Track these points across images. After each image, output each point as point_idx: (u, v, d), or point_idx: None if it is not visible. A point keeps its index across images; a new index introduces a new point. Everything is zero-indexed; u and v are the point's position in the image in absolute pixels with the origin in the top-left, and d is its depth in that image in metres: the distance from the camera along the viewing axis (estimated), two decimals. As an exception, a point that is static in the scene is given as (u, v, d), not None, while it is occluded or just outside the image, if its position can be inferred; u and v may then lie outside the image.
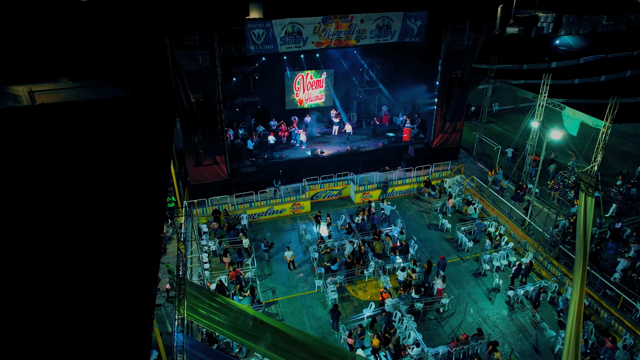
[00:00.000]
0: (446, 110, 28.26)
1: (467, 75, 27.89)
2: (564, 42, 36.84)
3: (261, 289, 20.36)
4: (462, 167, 29.10)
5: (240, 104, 29.00)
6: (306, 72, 29.46)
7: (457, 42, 26.47)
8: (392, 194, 27.91)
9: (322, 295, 20.15)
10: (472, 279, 21.17)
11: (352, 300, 19.95)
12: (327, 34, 23.93)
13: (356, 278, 21.04)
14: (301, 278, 21.28)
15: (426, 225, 25.38)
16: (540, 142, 22.95)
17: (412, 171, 28.18)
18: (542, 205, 23.68)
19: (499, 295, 20.10)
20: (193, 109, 23.29)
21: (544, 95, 22.80)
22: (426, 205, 27.24)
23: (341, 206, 27.16)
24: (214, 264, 22.23)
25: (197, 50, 22.11)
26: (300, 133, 28.69)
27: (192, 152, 24.27)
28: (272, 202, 25.89)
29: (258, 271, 21.55)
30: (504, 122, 37.11)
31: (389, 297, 18.90)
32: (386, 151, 29.07)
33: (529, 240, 22.26)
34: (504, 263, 21.65)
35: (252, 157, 27.33)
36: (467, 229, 24.16)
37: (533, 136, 23.91)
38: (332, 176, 27.33)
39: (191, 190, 25.33)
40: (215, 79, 23.16)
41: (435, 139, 29.05)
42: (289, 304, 19.72)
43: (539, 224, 22.05)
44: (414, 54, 29.00)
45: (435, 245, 23.61)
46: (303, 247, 23.43)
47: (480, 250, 22.79)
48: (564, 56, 33.63)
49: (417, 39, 25.77)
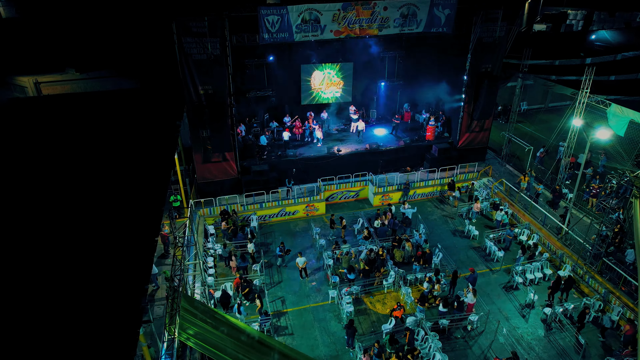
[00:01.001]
0: (474, 108, 26.15)
1: (498, 70, 25.74)
2: (600, 37, 34.53)
3: (269, 298, 18.62)
4: (490, 169, 26.95)
5: (253, 98, 27.37)
6: (325, 71, 27.58)
7: (488, 34, 24.36)
8: (414, 197, 25.93)
9: (337, 307, 18.31)
10: (502, 293, 19.10)
11: (369, 314, 18.06)
12: (347, 22, 22.09)
13: (374, 289, 19.15)
14: (314, 287, 19.48)
15: (451, 231, 23.33)
16: (582, 142, 20.73)
17: (435, 172, 26.15)
18: (580, 212, 21.46)
19: (534, 312, 17.99)
20: (201, 101, 21.70)
21: (585, 91, 20.58)
22: (450, 210, 25.19)
23: (358, 209, 25.28)
24: (220, 268, 20.59)
25: (206, 37, 20.51)
26: (316, 129, 26.90)
27: (200, 147, 22.69)
28: (285, 202, 24.16)
29: (267, 278, 19.83)
30: (532, 122, 34.76)
31: (402, 314, 16.94)
32: (408, 150, 27.09)
33: (567, 251, 20.07)
34: (538, 276, 19.52)
35: (265, 154, 25.64)
36: (496, 236, 22.07)
37: (572, 136, 21.72)
38: (350, 176, 25.48)
39: (198, 189, 23.75)
40: (225, 69, 21.52)
41: (461, 138, 26.96)
42: (299, 316, 17.93)
43: (578, 234, 19.87)
44: (439, 46, 26.96)
45: (460, 253, 21.57)
46: (316, 252, 21.64)
47: (511, 260, 20.69)
48: (600, 52, 31.40)
49: (444, 29, 23.79)
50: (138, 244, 11.91)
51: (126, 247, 11.69)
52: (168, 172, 16.54)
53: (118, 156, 16.30)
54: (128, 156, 16.41)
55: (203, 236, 21.85)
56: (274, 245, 21.93)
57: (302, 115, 28.31)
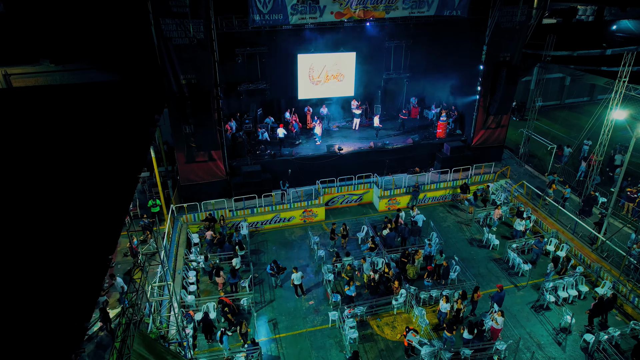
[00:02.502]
0: (490, 101, 23.46)
1: (518, 59, 23.06)
2: (622, 27, 32.10)
3: (258, 321, 15.87)
4: (509, 169, 24.22)
5: (245, 92, 24.67)
6: (324, 61, 24.85)
7: (507, 18, 21.70)
8: (423, 201, 23.21)
9: (338, 332, 15.55)
10: (531, 314, 16.35)
11: (376, 340, 15.29)
12: (350, 3, 19.43)
13: (381, 309, 16.39)
14: (311, 307, 16.72)
15: (467, 240, 20.61)
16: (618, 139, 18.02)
17: (447, 174, 23.44)
18: (617, 220, 18.77)
19: (571, 338, 15.24)
20: (183, 93, 19.02)
21: (623, 80, 17.93)
22: (465, 215, 22.46)
23: (362, 214, 22.54)
24: (204, 284, 17.86)
25: (187, 18, 17.83)
26: (316, 125, 24.19)
27: (183, 145, 19.99)
28: (279, 207, 21.43)
29: (257, 296, 17.09)
30: (548, 120, 32.12)
31: (415, 339, 14.16)
32: (416, 149, 24.36)
33: (605, 264, 17.34)
34: (572, 294, 16.78)
35: (259, 150, 22.98)
36: (519, 246, 19.37)
37: (606, 132, 19.03)
38: (352, 178, 22.74)
39: (181, 192, 21.03)
40: (210, 55, 18.86)
41: (475, 136, 24.25)
42: (294, 343, 15.16)
43: (618, 244, 17.17)
44: (451, 33, 24.32)
45: (480, 266, 18.85)
46: (315, 265, 18.92)
47: (538, 275, 17.98)
48: (622, 43, 29.08)
49: (458, 12, 21.18)
50: (82, 267, 9.16)
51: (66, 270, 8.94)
52: (134, 174, 13.80)
53: (79, 154, 13.62)
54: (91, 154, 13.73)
55: (185, 246, 19.12)
56: (266, 256, 19.23)
57: (300, 110, 25.66)
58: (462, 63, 24.26)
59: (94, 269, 9.11)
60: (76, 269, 8.83)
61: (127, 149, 14.53)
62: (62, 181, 11.57)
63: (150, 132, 18.30)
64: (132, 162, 14.30)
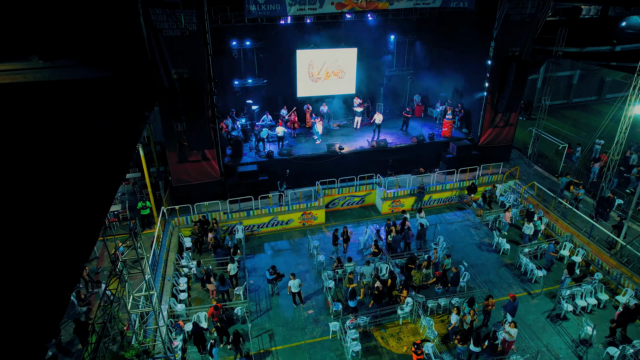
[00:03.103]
0: (498, 98, 22.33)
1: (527, 54, 21.95)
2: (633, 23, 31.14)
3: (253, 332, 14.70)
4: (518, 170, 23.07)
5: (241, 88, 23.57)
6: (325, 57, 23.77)
7: (516, 10, 20.61)
8: (429, 203, 22.06)
9: (339, 344, 14.37)
10: (547, 325, 15.18)
11: (381, 354, 14.10)
12: (352, -7, 18.36)
13: (386, 319, 15.21)
14: (310, 317, 15.55)
15: (475, 244, 19.46)
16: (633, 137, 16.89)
17: (454, 174, 22.29)
18: (634, 222, 17.63)
19: (592, 351, 14.06)
20: (175, 88, 17.90)
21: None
22: (473, 218, 21.30)
23: (364, 217, 21.39)
24: (195, 292, 16.69)
25: (179, 8, 16.74)
26: (316, 123, 23.07)
27: (175, 144, 18.86)
28: (277, 210, 20.28)
29: (252, 305, 15.92)
30: (556, 119, 30.98)
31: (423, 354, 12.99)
32: (421, 149, 23.24)
33: (625, 270, 16.18)
34: (592, 302, 15.60)
35: (254, 152, 21.89)
36: (532, 251, 18.22)
37: (624, 130, 17.89)
38: (354, 179, 21.60)
39: (173, 194, 19.90)
40: (204, 48, 17.75)
41: (483, 135, 23.12)
42: (291, 356, 13.98)
43: (639, 249, 16.02)
44: (456, 27, 23.25)
45: (490, 272, 17.69)
46: (314, 271, 17.76)
47: (553, 281, 16.82)
48: (632, 39, 28.15)
49: (465, 3, 20.09)
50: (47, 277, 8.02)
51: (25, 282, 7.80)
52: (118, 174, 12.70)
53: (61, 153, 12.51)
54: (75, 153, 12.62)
55: (176, 251, 17.96)
56: (262, 261, 18.09)
57: (299, 108, 24.55)
58: (468, 59, 23.17)
59: (60, 279, 7.96)
60: (39, 280, 7.67)
61: (111, 147, 13.44)
62: (38, 181, 10.45)
63: (138, 130, 17.25)
64: (116, 161, 13.22)
